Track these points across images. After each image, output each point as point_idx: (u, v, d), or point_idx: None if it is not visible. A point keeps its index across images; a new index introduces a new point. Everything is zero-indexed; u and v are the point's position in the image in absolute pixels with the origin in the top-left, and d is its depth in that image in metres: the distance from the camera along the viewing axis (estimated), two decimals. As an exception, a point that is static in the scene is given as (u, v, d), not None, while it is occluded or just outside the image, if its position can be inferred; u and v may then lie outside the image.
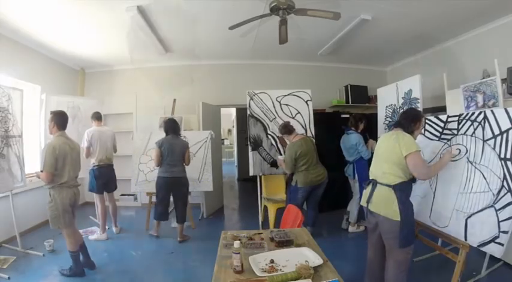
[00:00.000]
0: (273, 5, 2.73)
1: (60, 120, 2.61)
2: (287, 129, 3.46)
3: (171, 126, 3.49)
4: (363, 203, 2.08)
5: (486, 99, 2.77)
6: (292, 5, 2.70)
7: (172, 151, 3.40)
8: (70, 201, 2.56)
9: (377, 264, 2.04)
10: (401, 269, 1.86)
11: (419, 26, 3.78)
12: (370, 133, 3.87)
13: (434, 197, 2.37)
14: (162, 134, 3.84)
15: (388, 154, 1.93)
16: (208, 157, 4.18)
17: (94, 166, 3.63)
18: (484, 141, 2.13)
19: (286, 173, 4.16)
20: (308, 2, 2.83)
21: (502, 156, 2.04)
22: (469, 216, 2.08)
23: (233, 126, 10.26)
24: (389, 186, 1.87)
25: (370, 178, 2.08)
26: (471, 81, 3.02)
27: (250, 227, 3.74)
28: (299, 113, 4.02)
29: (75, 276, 2.67)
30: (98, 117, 3.77)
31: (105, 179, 3.68)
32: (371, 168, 2.13)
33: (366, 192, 2.07)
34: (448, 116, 2.42)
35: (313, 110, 4.07)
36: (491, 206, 2.00)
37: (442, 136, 2.41)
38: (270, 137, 3.95)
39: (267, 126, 3.96)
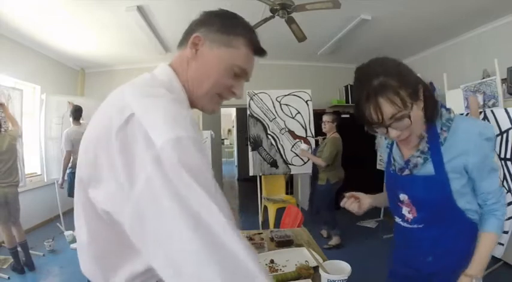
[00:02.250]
0: (270, 6, 2.73)
1: None
2: (336, 118, 3.53)
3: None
4: None
5: (486, 99, 2.77)
6: (289, 3, 2.70)
7: None
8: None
9: None
10: None
11: (420, 26, 3.78)
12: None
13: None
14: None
15: None
16: (208, 157, 4.18)
17: (73, 169, 3.35)
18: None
19: (286, 173, 4.17)
20: (308, 2, 2.83)
21: (502, 156, 2.05)
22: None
23: (233, 126, 10.26)
24: None
25: None
26: (471, 81, 3.02)
27: (250, 227, 3.74)
28: (299, 113, 4.02)
29: (14, 271, 2.77)
30: (78, 116, 3.57)
31: None
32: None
33: None
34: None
35: (313, 110, 4.07)
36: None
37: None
38: (270, 137, 3.95)
39: (267, 126, 3.96)
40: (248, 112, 3.99)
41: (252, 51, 0.71)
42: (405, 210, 0.96)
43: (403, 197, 0.96)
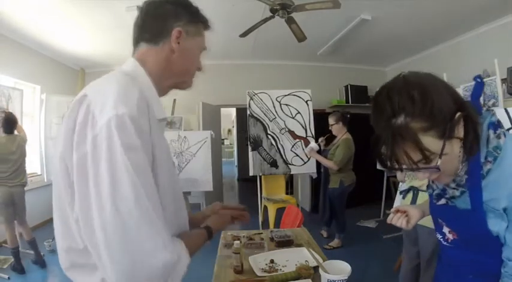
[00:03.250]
0: (270, 6, 2.74)
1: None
2: (345, 118, 3.37)
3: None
4: None
5: (486, 99, 2.77)
6: (289, 3, 2.70)
7: None
8: (4, 200, 2.71)
9: (414, 278, 1.99)
10: None
11: (420, 26, 3.78)
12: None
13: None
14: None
15: None
16: (208, 157, 4.18)
17: None
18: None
19: (286, 173, 4.17)
20: (308, 2, 2.83)
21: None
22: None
23: (233, 126, 10.27)
24: None
25: (407, 186, 1.93)
26: (471, 81, 3.02)
27: (250, 227, 3.74)
28: (299, 113, 4.02)
29: (15, 271, 2.78)
30: None
31: None
32: (406, 175, 1.97)
33: (406, 202, 1.94)
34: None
35: (313, 110, 4.07)
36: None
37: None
38: (270, 137, 3.95)
39: (267, 126, 3.96)
40: (248, 112, 3.99)
41: (204, 29, 0.81)
42: (446, 229, 0.85)
43: (441, 221, 0.86)
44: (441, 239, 0.88)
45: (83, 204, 0.55)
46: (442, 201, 0.79)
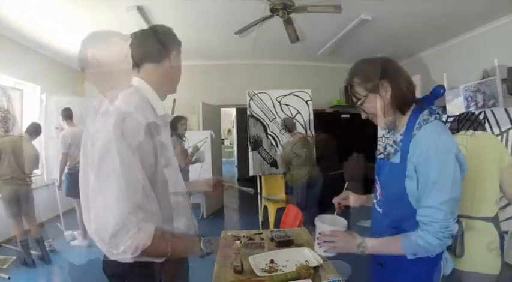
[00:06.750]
0: (271, 6, 2.74)
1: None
2: (284, 126, 3.59)
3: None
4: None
5: (486, 99, 2.77)
6: (290, 4, 2.70)
7: None
8: (10, 196, 2.83)
9: None
10: None
11: (420, 26, 3.78)
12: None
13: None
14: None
15: (486, 168, 1.31)
16: (208, 157, 4.18)
17: (70, 170, 3.43)
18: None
19: (285, 174, 4.17)
20: (308, 2, 2.83)
21: (502, 156, 2.05)
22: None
23: (233, 126, 10.26)
24: (487, 219, 1.28)
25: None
26: (471, 81, 3.02)
27: (250, 227, 3.75)
28: (299, 113, 4.02)
29: (24, 265, 2.85)
30: (68, 115, 3.53)
31: None
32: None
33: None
34: (448, 116, 2.42)
35: (313, 110, 4.07)
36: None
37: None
38: (270, 137, 3.96)
39: (267, 126, 3.96)
40: (248, 112, 3.99)
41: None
42: (378, 192, 1.03)
43: (376, 178, 1.05)
44: (375, 203, 1.05)
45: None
46: (381, 155, 1.02)
